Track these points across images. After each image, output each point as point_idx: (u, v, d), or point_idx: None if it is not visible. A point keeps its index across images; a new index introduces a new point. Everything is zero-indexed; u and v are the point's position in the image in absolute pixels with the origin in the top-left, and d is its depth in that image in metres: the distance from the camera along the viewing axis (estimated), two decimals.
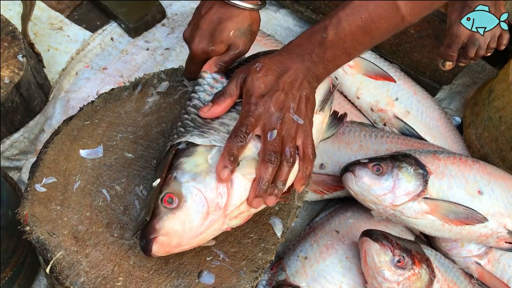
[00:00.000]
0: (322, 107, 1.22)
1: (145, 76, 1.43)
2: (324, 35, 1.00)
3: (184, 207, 1.00)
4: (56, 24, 2.13)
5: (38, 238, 1.12)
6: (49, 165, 1.23)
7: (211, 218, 1.02)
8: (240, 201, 1.04)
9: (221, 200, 1.02)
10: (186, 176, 1.02)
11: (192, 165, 1.04)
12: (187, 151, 1.06)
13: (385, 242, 1.42)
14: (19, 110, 1.72)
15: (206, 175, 1.02)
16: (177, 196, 1.00)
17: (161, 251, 1.02)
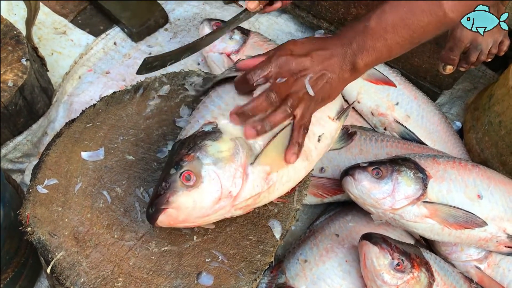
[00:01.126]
0: (339, 117, 1.27)
1: (146, 80, 1.45)
2: (366, 23, 1.02)
3: (200, 187, 1.05)
4: (60, 29, 2.16)
5: (39, 239, 1.14)
6: (51, 167, 1.25)
7: (221, 204, 1.07)
8: (250, 195, 1.10)
9: (234, 190, 1.07)
10: (208, 158, 1.06)
11: (216, 150, 1.07)
12: (213, 135, 1.09)
13: (384, 246, 1.42)
14: (23, 113, 1.74)
15: (227, 163, 1.07)
16: (196, 175, 1.05)
17: (165, 222, 1.07)
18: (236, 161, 1.07)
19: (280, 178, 1.14)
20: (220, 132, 1.10)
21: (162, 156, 1.29)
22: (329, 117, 1.24)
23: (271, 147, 1.10)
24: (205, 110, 1.17)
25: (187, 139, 1.11)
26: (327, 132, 1.24)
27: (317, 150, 1.23)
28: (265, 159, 1.10)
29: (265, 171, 1.11)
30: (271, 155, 1.10)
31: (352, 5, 1.98)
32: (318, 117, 1.20)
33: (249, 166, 1.09)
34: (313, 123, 1.16)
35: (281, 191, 1.18)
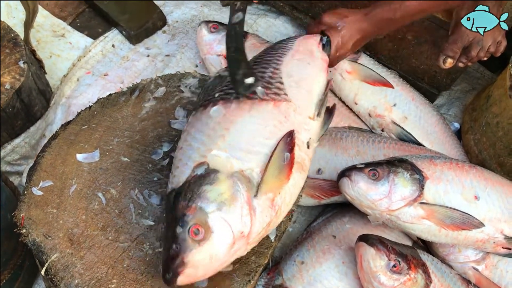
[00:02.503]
0: (319, 112, 1.25)
1: (142, 82, 1.45)
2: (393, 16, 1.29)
3: (212, 238, 1.00)
4: (58, 31, 2.16)
5: (34, 241, 1.14)
6: (46, 169, 1.25)
7: (236, 247, 1.03)
8: (262, 227, 1.07)
9: (246, 229, 1.03)
10: (211, 205, 1.02)
11: (216, 193, 1.03)
12: (209, 178, 1.05)
13: (380, 247, 1.42)
14: (20, 116, 1.74)
15: (231, 204, 1.03)
16: (204, 227, 1.00)
17: (185, 281, 1.02)
18: (239, 199, 1.04)
19: (283, 199, 1.12)
20: (214, 172, 1.06)
21: (157, 158, 1.29)
22: (310, 117, 1.23)
23: (270, 171, 1.07)
24: (190, 150, 1.12)
25: (183, 188, 1.06)
26: (313, 135, 1.23)
27: (308, 157, 1.22)
28: (266, 186, 1.07)
29: (269, 198, 1.08)
30: (271, 180, 1.07)
31: (349, 6, 1.97)
32: (300, 122, 1.20)
33: (254, 200, 1.06)
34: (298, 131, 1.16)
35: (286, 211, 1.17)
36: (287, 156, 1.10)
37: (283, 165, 1.09)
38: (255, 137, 1.13)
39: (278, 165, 1.09)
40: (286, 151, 1.11)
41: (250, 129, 1.14)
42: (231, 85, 1.21)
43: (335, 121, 1.93)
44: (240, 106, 1.16)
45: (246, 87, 1.17)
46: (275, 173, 1.08)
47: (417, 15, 1.31)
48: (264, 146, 1.12)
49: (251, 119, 1.15)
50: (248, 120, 1.15)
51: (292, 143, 1.12)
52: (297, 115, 1.20)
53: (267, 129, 1.15)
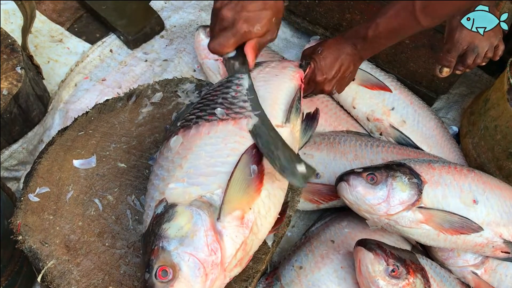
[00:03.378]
0: (287, 118, 1.19)
1: (139, 87, 1.45)
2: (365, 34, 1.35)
3: (181, 276, 0.96)
4: (56, 37, 2.16)
5: (30, 248, 1.14)
6: (43, 175, 1.25)
7: (211, 277, 0.98)
8: (235, 249, 1.01)
9: (216, 256, 0.98)
10: (172, 243, 0.97)
11: (176, 229, 0.99)
12: (167, 215, 1.00)
13: (379, 252, 1.41)
14: (18, 121, 1.74)
15: (193, 235, 0.98)
16: (171, 267, 0.96)
17: None
18: (202, 226, 0.98)
19: (257, 213, 1.06)
20: (172, 206, 1.01)
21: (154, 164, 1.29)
22: (277, 125, 1.17)
23: (232, 189, 1.02)
24: (152, 189, 1.09)
25: (147, 232, 1.03)
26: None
27: None
28: (230, 205, 1.01)
29: (236, 217, 1.02)
30: (235, 197, 1.02)
31: (346, 11, 1.98)
32: None
33: (217, 223, 1.00)
34: None
35: (267, 224, 1.10)
36: (254, 168, 1.05)
37: (250, 179, 1.04)
38: (215, 157, 1.08)
39: (243, 180, 1.03)
40: (252, 163, 1.05)
41: (209, 150, 1.09)
42: (193, 111, 1.18)
43: (333, 125, 1.94)
44: (199, 130, 1.12)
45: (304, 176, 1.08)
46: (241, 189, 1.03)
47: (389, 35, 1.33)
48: (225, 165, 1.06)
49: (210, 141, 1.10)
50: (207, 142, 1.10)
51: (259, 154, 1.07)
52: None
53: (227, 146, 1.09)
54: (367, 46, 1.39)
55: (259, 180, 1.05)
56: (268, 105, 1.20)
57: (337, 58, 1.41)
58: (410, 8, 1.25)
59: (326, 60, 1.42)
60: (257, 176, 1.05)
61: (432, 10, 1.24)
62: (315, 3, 2.06)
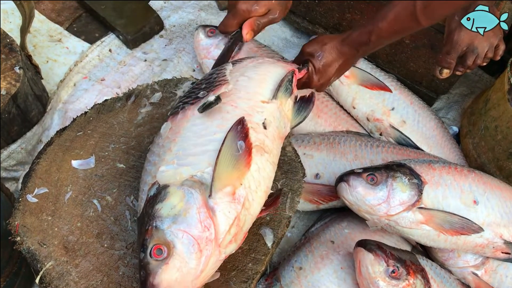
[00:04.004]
0: (274, 95, 1.23)
1: (138, 87, 1.45)
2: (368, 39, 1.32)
3: (175, 253, 0.97)
4: (55, 36, 2.16)
5: (28, 249, 1.13)
6: (41, 176, 1.24)
7: (206, 253, 0.99)
8: (228, 225, 1.02)
9: (209, 233, 0.99)
10: (166, 222, 0.98)
11: (169, 208, 1.00)
12: (160, 196, 1.02)
13: (379, 252, 1.41)
14: (16, 121, 1.73)
15: (186, 213, 0.99)
16: (165, 244, 0.97)
17: None
18: (194, 205, 1.00)
19: (248, 188, 1.07)
20: (164, 187, 1.03)
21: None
22: (263, 101, 1.21)
23: (221, 165, 1.03)
24: (145, 175, 1.11)
25: (141, 214, 1.04)
26: (268, 115, 1.20)
27: (269, 138, 1.17)
28: (220, 182, 1.03)
29: (227, 193, 1.03)
30: (224, 174, 1.03)
31: (346, 10, 1.98)
32: (252, 106, 1.18)
33: (209, 200, 1.01)
34: (251, 114, 1.15)
35: (259, 199, 1.11)
36: (241, 144, 1.07)
37: (239, 155, 1.06)
38: (202, 136, 1.11)
39: (231, 156, 1.05)
40: (238, 139, 1.07)
41: (196, 130, 1.12)
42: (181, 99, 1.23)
43: (333, 125, 1.93)
44: (185, 113, 1.16)
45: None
46: (230, 165, 1.04)
47: (391, 36, 1.34)
48: (212, 143, 1.09)
49: (196, 121, 1.14)
50: (194, 123, 1.13)
51: (245, 130, 1.09)
52: (246, 101, 1.19)
53: (213, 123, 1.12)
54: (368, 49, 1.39)
55: (247, 154, 1.07)
56: (255, 84, 1.25)
57: (336, 64, 1.40)
58: (411, 9, 1.25)
59: (325, 66, 1.40)
60: (245, 151, 1.07)
61: (432, 10, 1.24)
62: (315, 3, 2.05)
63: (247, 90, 1.22)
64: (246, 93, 1.21)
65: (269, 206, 1.14)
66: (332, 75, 1.42)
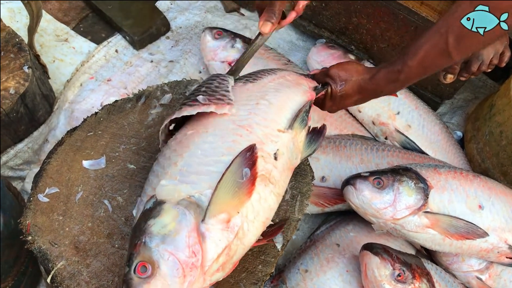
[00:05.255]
0: (290, 125, 1.19)
1: (148, 89, 1.45)
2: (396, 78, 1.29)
3: (159, 274, 0.94)
4: (62, 36, 2.16)
5: (39, 248, 1.14)
6: (52, 176, 1.24)
7: (189, 279, 0.96)
8: (217, 253, 0.99)
9: (196, 259, 0.96)
10: (155, 240, 0.96)
11: (160, 226, 0.97)
12: (154, 211, 1.00)
13: (385, 256, 1.42)
14: (24, 121, 1.74)
15: (176, 234, 0.96)
16: (150, 263, 0.95)
17: None
18: (185, 227, 0.97)
19: (245, 217, 1.03)
20: (160, 204, 1.00)
21: None
22: (279, 130, 1.17)
23: (220, 191, 1.00)
24: (147, 185, 1.10)
25: (134, 227, 1.02)
26: (281, 146, 1.16)
27: (278, 169, 1.13)
28: (216, 207, 0.99)
29: (221, 220, 0.99)
30: (222, 200, 1.00)
31: (353, 14, 1.99)
32: (267, 134, 1.14)
33: (201, 225, 0.98)
34: (264, 143, 1.11)
35: (255, 229, 1.07)
36: (246, 172, 1.03)
37: (241, 182, 1.01)
38: (210, 156, 1.07)
39: (233, 182, 1.01)
40: (245, 166, 1.03)
41: (205, 148, 1.08)
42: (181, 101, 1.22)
43: (338, 128, 1.94)
44: (195, 127, 1.13)
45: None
46: (230, 191, 1.00)
47: (420, 74, 1.28)
48: (219, 164, 1.04)
49: (207, 139, 1.10)
50: (204, 140, 1.10)
51: (254, 158, 1.05)
52: (262, 128, 1.14)
53: (224, 145, 1.08)
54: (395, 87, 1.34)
55: (251, 183, 1.03)
56: (274, 110, 1.21)
57: (355, 98, 1.37)
58: (442, 46, 1.19)
59: (342, 97, 1.36)
60: (249, 179, 1.03)
61: (466, 44, 1.18)
62: (321, 6, 2.06)
63: (265, 117, 1.17)
64: (263, 119, 1.17)
65: (267, 237, 1.11)
66: (346, 105, 1.40)
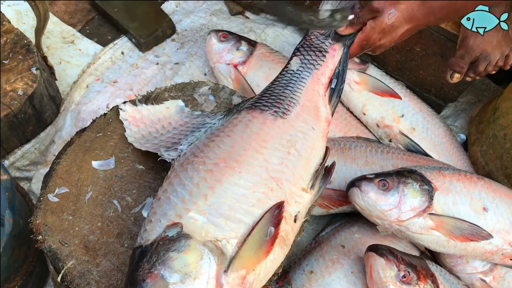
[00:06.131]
0: (313, 184, 1.16)
1: (156, 90, 1.46)
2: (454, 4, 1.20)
3: None
4: (68, 38, 2.18)
5: (50, 247, 1.15)
6: (62, 176, 1.26)
7: None
8: None
9: None
10: (174, 276, 0.92)
11: (183, 263, 0.93)
12: (179, 244, 0.96)
13: (390, 257, 1.43)
14: (31, 122, 1.75)
15: (196, 278, 0.93)
16: None
17: None
18: (207, 272, 0.94)
19: (257, 276, 1.01)
20: (186, 238, 0.96)
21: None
22: (303, 189, 1.14)
23: (248, 246, 0.97)
24: (167, 205, 1.04)
25: (149, 249, 0.97)
26: (302, 208, 1.14)
27: (293, 231, 1.12)
28: (240, 262, 0.97)
29: (240, 276, 0.97)
30: (247, 255, 0.97)
31: None
32: (292, 192, 1.11)
33: (223, 275, 0.95)
34: (288, 202, 1.08)
35: (259, 287, 1.06)
36: (271, 230, 1.01)
37: (264, 240, 1.00)
38: (240, 202, 1.04)
39: (259, 239, 0.99)
40: (271, 225, 1.01)
41: (236, 192, 1.05)
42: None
43: (343, 130, 1.95)
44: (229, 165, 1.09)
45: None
46: (254, 248, 0.99)
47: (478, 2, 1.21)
48: (248, 215, 1.02)
49: (240, 181, 1.06)
50: (236, 182, 1.06)
51: (280, 217, 1.03)
52: (290, 185, 1.11)
53: (255, 195, 1.06)
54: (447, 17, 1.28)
55: (271, 242, 1.01)
56: (302, 164, 1.17)
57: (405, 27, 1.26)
58: None
59: (393, 27, 1.26)
60: (271, 239, 1.01)
61: None
62: None
63: (294, 172, 1.13)
64: (292, 174, 1.13)
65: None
66: (396, 39, 1.29)
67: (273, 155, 1.13)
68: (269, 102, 1.23)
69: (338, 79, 1.32)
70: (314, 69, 1.31)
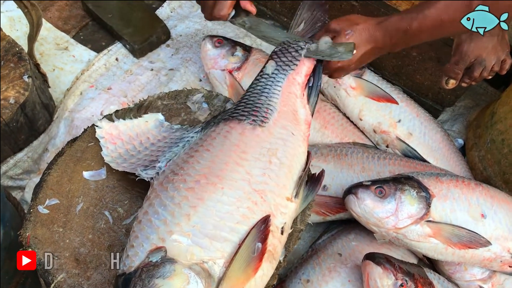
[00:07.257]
0: (297, 192, 1.15)
1: (149, 98, 1.44)
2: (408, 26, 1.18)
3: None
4: (61, 44, 2.16)
5: (39, 261, 1.13)
6: (52, 187, 1.24)
7: None
8: None
9: None
10: None
11: None
12: (163, 270, 0.93)
13: (387, 266, 1.41)
14: (24, 130, 1.73)
15: None
16: None
17: None
18: None
19: None
20: (171, 262, 0.94)
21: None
22: (288, 198, 1.13)
23: (235, 265, 0.96)
24: (149, 228, 1.01)
25: (133, 276, 0.94)
26: (288, 218, 1.12)
27: (281, 244, 1.11)
28: (229, 282, 0.95)
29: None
30: (235, 275, 0.96)
31: None
32: (277, 204, 1.09)
33: None
34: (274, 215, 1.06)
35: None
36: (258, 246, 0.99)
37: (252, 257, 0.98)
38: (225, 220, 1.02)
39: (246, 257, 0.98)
40: (258, 240, 1.00)
41: (220, 209, 1.03)
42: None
43: (339, 136, 1.93)
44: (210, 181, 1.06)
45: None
46: (242, 266, 0.97)
47: (434, 29, 1.18)
48: (233, 233, 1.01)
49: (223, 198, 1.04)
50: (219, 199, 1.04)
51: (267, 232, 1.02)
52: (275, 196, 1.10)
53: (239, 211, 1.03)
54: (404, 41, 1.22)
55: (259, 259, 1.00)
56: (284, 172, 1.15)
57: (363, 49, 1.24)
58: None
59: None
60: (259, 255, 1.00)
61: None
62: None
63: (277, 182, 1.12)
64: (276, 185, 1.11)
65: None
66: (354, 61, 1.27)
67: (255, 166, 1.10)
68: (246, 111, 1.21)
69: (315, 76, 1.30)
70: (289, 69, 1.29)
